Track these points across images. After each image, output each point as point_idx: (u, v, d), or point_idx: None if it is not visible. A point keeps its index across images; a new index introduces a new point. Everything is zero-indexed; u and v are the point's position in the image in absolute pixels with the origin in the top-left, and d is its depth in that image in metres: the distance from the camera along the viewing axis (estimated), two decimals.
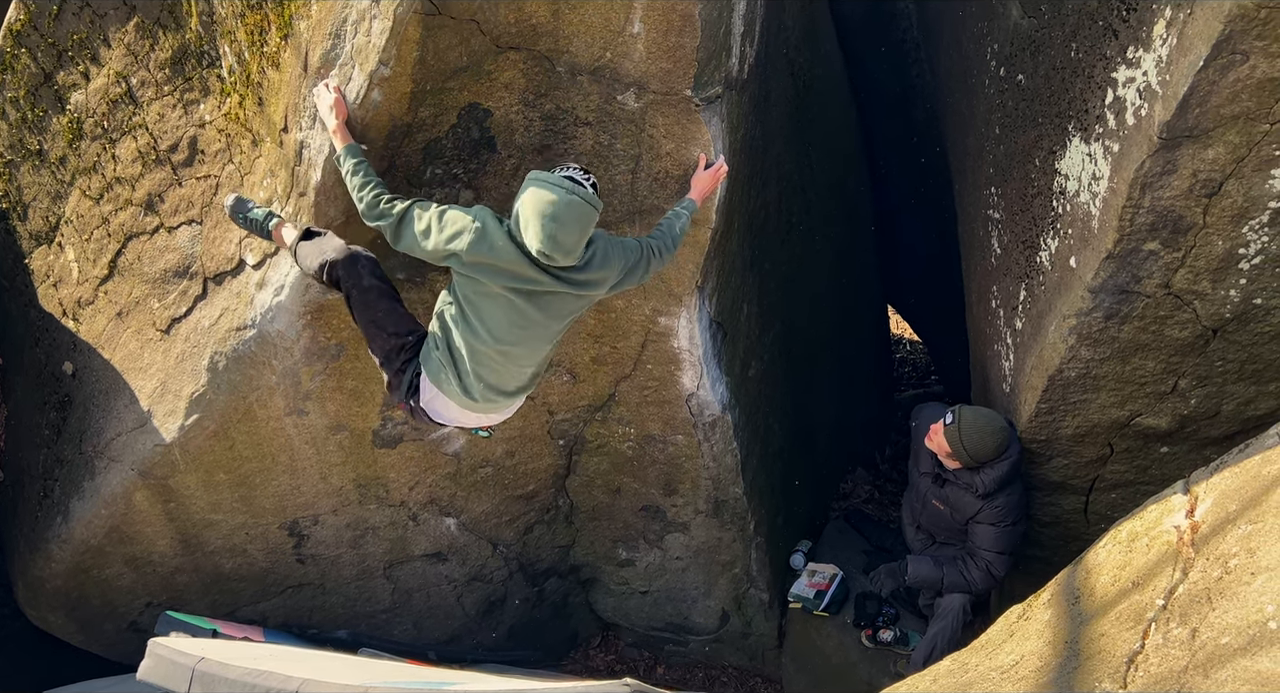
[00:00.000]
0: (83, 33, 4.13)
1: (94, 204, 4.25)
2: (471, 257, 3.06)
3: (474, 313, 3.18)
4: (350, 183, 3.17)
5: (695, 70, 3.36)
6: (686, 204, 3.49)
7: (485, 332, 3.17)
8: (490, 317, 3.16)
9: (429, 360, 3.29)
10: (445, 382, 3.27)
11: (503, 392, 3.32)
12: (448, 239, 3.06)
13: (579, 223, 2.99)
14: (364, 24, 3.17)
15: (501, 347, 3.19)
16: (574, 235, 3.00)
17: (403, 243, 3.16)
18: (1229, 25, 2.64)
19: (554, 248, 2.99)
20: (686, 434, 4.27)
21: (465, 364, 3.23)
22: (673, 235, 3.42)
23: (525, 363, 3.30)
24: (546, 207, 2.96)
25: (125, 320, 4.19)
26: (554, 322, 3.24)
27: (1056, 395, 3.66)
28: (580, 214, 2.99)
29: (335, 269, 3.29)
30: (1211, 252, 3.10)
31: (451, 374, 3.25)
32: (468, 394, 3.27)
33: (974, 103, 4.36)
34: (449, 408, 3.36)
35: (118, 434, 4.16)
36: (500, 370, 3.26)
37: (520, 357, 3.26)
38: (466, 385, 3.26)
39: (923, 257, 6.85)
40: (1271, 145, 2.83)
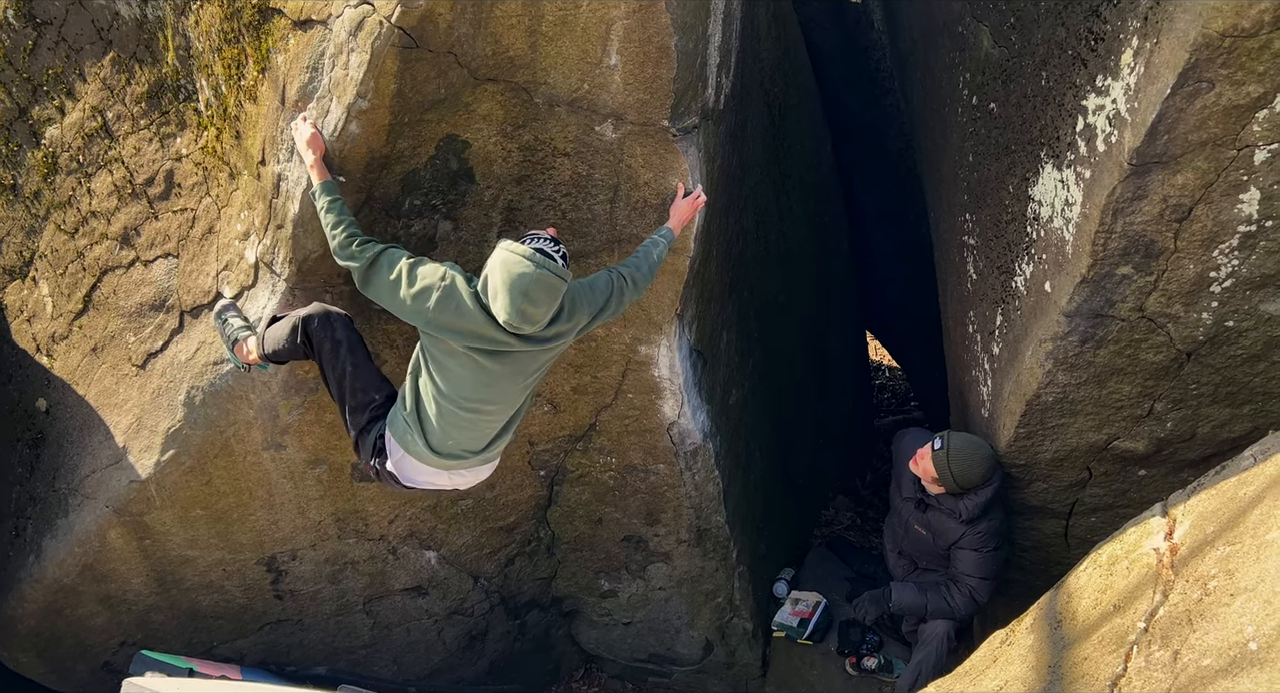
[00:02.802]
0: (58, 67, 4.12)
1: (69, 239, 4.22)
2: (437, 317, 3.07)
3: (439, 372, 3.19)
4: (324, 220, 3.18)
5: (672, 101, 3.38)
6: (664, 233, 3.49)
7: (452, 390, 3.18)
8: (457, 376, 3.17)
9: (395, 421, 3.30)
10: (411, 442, 3.27)
11: (473, 450, 3.33)
12: (415, 296, 3.08)
13: (548, 296, 3.01)
14: (341, 57, 3.19)
15: (470, 404, 3.21)
16: (542, 309, 3.02)
17: (371, 289, 3.17)
18: (1194, 54, 2.69)
19: (521, 321, 3.02)
20: (668, 463, 4.27)
21: (433, 422, 3.23)
22: (649, 264, 3.41)
23: (496, 419, 3.31)
24: (516, 280, 2.97)
25: (100, 355, 4.15)
26: (521, 377, 3.25)
27: (1035, 420, 3.68)
28: (549, 288, 3.00)
29: (310, 324, 3.31)
30: (1183, 276, 3.14)
31: (417, 434, 3.25)
32: (436, 452, 3.27)
33: (947, 131, 4.42)
34: (418, 469, 3.36)
35: (92, 471, 4.11)
36: (470, 428, 3.27)
37: (490, 413, 3.28)
38: (434, 443, 3.26)
39: (900, 283, 6.90)
40: (1239, 171, 2.88)
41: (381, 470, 3.42)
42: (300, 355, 3.43)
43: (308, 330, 3.33)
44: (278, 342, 3.38)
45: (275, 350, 3.41)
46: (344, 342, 3.33)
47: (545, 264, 2.99)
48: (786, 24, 5.51)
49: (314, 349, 3.36)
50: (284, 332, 3.37)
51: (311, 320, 3.32)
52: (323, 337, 3.32)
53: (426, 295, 3.07)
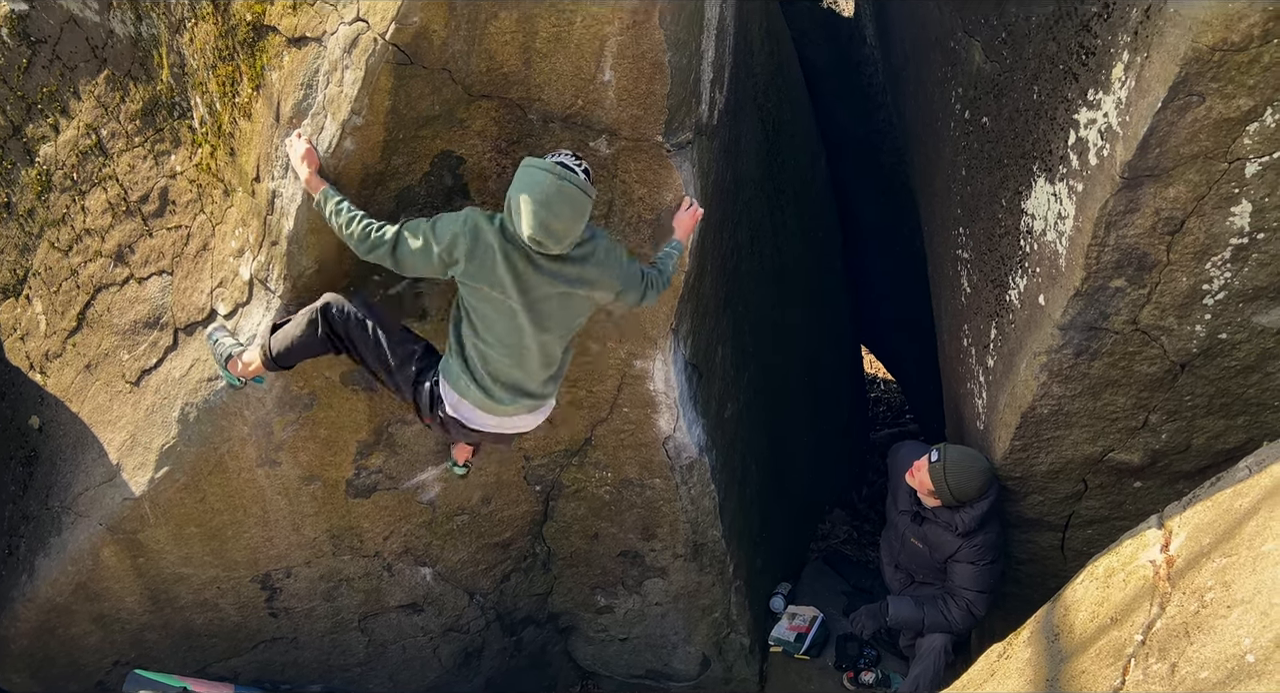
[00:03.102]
0: (53, 86, 4.12)
1: (63, 256, 4.21)
2: (468, 265, 3.08)
3: (480, 319, 3.19)
4: (336, 224, 3.17)
5: (666, 117, 3.40)
6: (674, 245, 3.55)
7: (492, 337, 3.19)
8: (494, 321, 3.18)
9: (448, 369, 3.30)
10: (465, 388, 3.27)
11: (524, 392, 3.31)
12: (447, 250, 3.09)
13: (570, 207, 3.01)
14: (336, 74, 3.19)
15: (510, 349, 3.21)
16: (565, 220, 3.01)
17: (406, 266, 3.17)
18: (1184, 68, 2.71)
19: (545, 234, 3.00)
20: (664, 477, 4.26)
21: (479, 369, 3.24)
22: (666, 273, 3.49)
23: (539, 363, 3.29)
24: (537, 192, 2.98)
25: (94, 373, 4.14)
26: (555, 322, 3.24)
27: (1030, 432, 3.69)
28: (570, 198, 3.00)
29: (330, 312, 3.31)
30: (1176, 288, 3.15)
31: (469, 380, 3.25)
32: (489, 397, 3.27)
33: (940, 145, 4.44)
34: (476, 413, 3.34)
35: (86, 489, 4.10)
36: (515, 371, 3.26)
37: (532, 356, 3.26)
38: (485, 388, 3.25)
39: (894, 296, 6.91)
40: (1230, 183, 2.90)
41: (445, 418, 3.39)
42: (317, 351, 3.41)
43: (329, 319, 3.33)
44: (290, 340, 3.37)
45: (288, 349, 3.39)
46: (366, 313, 3.34)
47: (565, 175, 3.00)
48: (779, 40, 5.53)
49: (341, 336, 3.35)
50: (299, 329, 3.36)
51: (330, 308, 3.33)
52: (345, 318, 3.32)
53: (455, 245, 3.08)
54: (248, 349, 3.53)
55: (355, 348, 3.37)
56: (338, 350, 3.41)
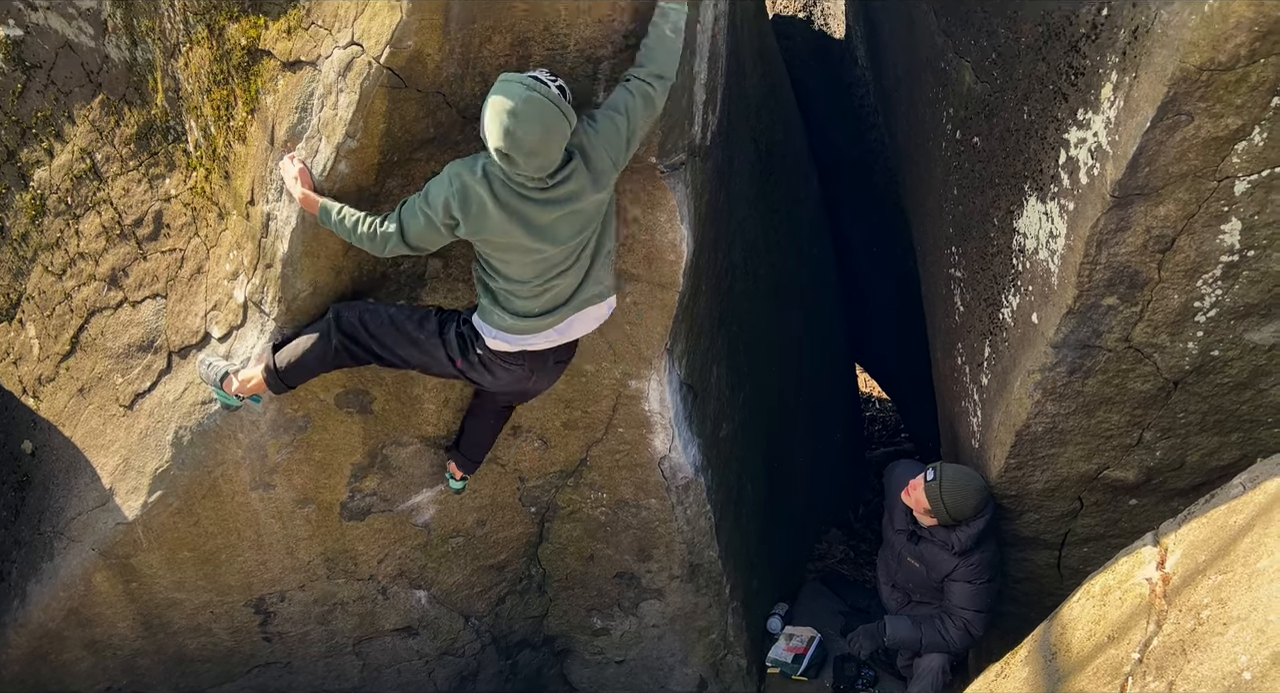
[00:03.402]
0: (47, 110, 4.13)
1: (56, 280, 4.21)
2: (468, 221, 3.03)
3: (500, 264, 3.16)
4: (343, 231, 3.18)
5: (659, 138, 3.41)
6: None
7: (516, 275, 3.16)
8: (513, 262, 3.14)
9: (483, 311, 3.27)
10: (501, 320, 3.23)
11: (567, 302, 3.26)
12: (444, 215, 3.04)
13: (540, 120, 2.85)
14: (330, 98, 3.21)
15: (539, 279, 3.17)
16: (534, 134, 2.84)
17: (421, 246, 3.16)
18: (1172, 88, 2.73)
19: (513, 146, 2.85)
20: (659, 498, 4.25)
21: (515, 302, 3.20)
22: (665, 45, 3.04)
23: (574, 274, 3.23)
24: (504, 101, 2.86)
25: (87, 397, 4.13)
26: (579, 231, 3.15)
27: (1025, 450, 3.69)
28: (540, 109, 2.84)
29: (340, 320, 3.35)
30: (1168, 305, 3.16)
31: (505, 313, 3.22)
32: (532, 317, 3.23)
33: (932, 165, 4.46)
34: (521, 337, 3.29)
35: (78, 514, 4.08)
36: (547, 295, 3.22)
37: (564, 274, 3.20)
38: (525, 315, 3.22)
39: (888, 315, 6.93)
40: (1219, 202, 2.92)
41: (485, 356, 3.33)
42: (330, 365, 3.43)
43: (343, 326, 3.36)
44: (299, 355, 3.39)
45: (297, 366, 3.40)
46: (373, 307, 3.37)
47: (535, 86, 2.86)
48: (771, 62, 5.57)
49: (358, 341, 3.36)
50: (310, 343, 3.38)
51: (339, 316, 3.36)
52: (354, 320, 3.35)
53: (449, 208, 3.03)
54: (245, 368, 3.53)
55: (377, 342, 3.36)
56: (355, 359, 3.42)
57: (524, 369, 3.41)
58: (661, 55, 3.06)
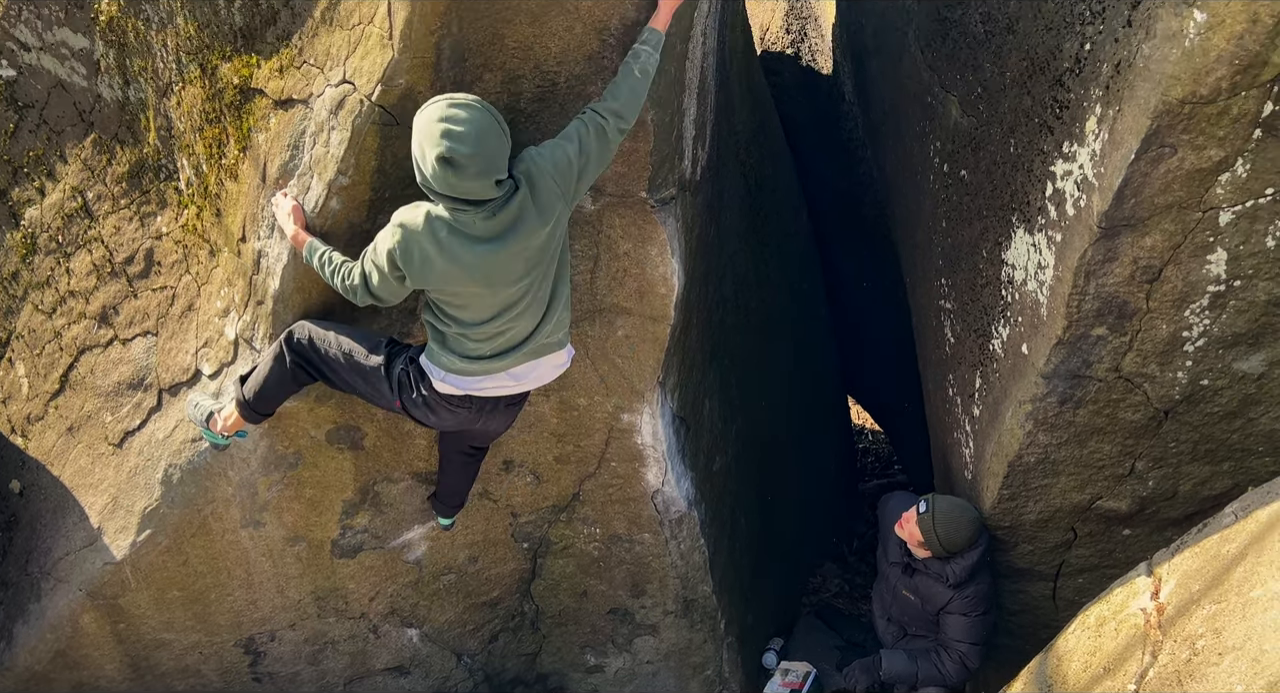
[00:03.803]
0: (39, 149, 4.15)
1: (46, 318, 4.20)
2: (414, 275, 2.96)
3: (454, 309, 3.07)
4: (322, 276, 3.18)
5: (649, 173, 3.44)
6: (646, 37, 3.05)
7: (471, 318, 3.07)
8: (464, 308, 3.06)
9: (431, 353, 3.19)
10: (451, 363, 3.13)
11: (520, 347, 3.17)
12: (391, 268, 2.98)
13: (469, 111, 2.78)
14: (322, 135, 3.23)
15: (491, 323, 3.07)
16: (472, 126, 2.77)
17: (383, 297, 3.10)
18: (1155, 120, 2.77)
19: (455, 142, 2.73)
20: (653, 532, 4.23)
21: (466, 344, 3.11)
22: (630, 84, 3.01)
23: (529, 317, 3.13)
24: (433, 111, 2.79)
25: (76, 435, 4.11)
26: (530, 270, 3.03)
27: (1018, 481, 3.69)
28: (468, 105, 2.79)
29: (290, 340, 3.30)
30: (1157, 335, 3.18)
31: (455, 356, 3.13)
32: (483, 359, 3.13)
33: (920, 198, 4.50)
34: (472, 382, 3.20)
35: (66, 554, 4.04)
36: (506, 335, 3.12)
37: (520, 317, 3.10)
38: (479, 352, 3.13)
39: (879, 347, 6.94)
40: (1205, 232, 2.95)
41: (429, 397, 3.23)
42: (291, 387, 3.39)
43: (293, 346, 3.31)
44: (261, 381, 3.36)
45: (261, 392, 3.37)
46: (324, 327, 3.32)
47: (457, 98, 2.80)
48: (760, 97, 5.63)
49: (307, 359, 3.31)
50: (266, 367, 3.34)
51: (291, 336, 3.31)
52: (304, 340, 3.30)
53: (393, 262, 2.95)
54: (224, 405, 3.51)
55: (326, 365, 3.31)
56: (311, 376, 3.38)
57: (470, 412, 3.32)
58: (624, 94, 3.01)
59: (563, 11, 3.08)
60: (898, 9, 4.65)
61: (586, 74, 3.18)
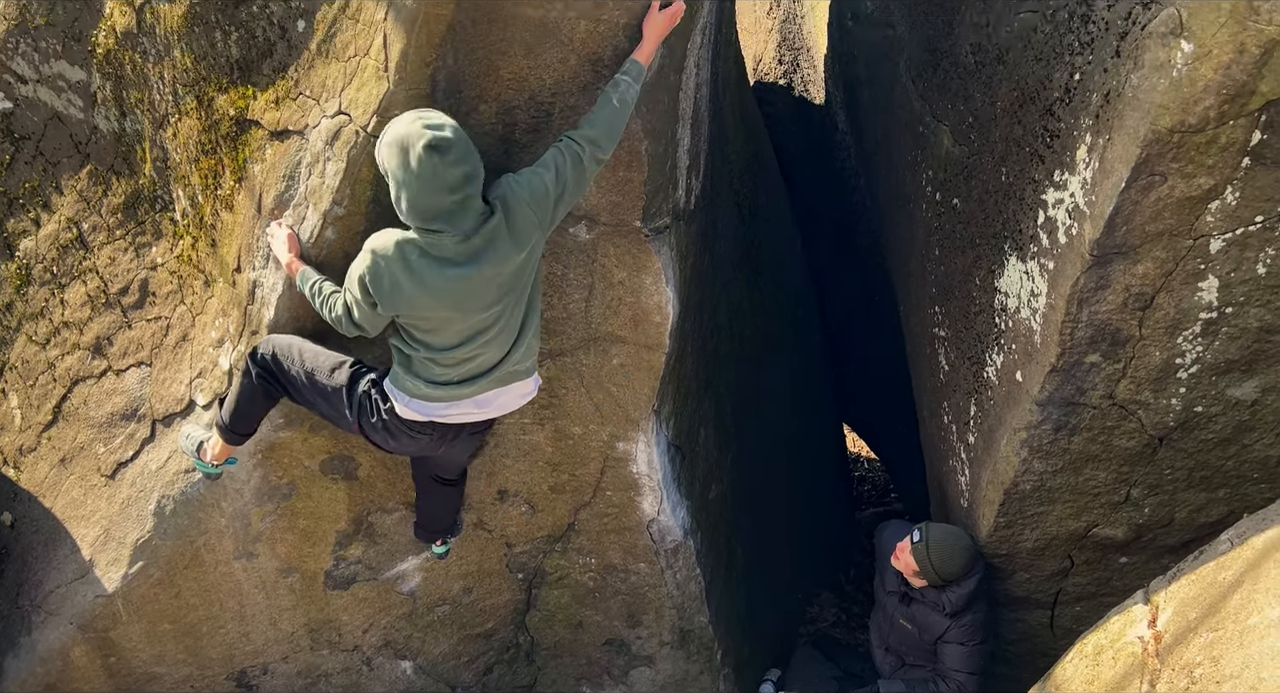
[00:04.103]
0: (35, 181, 4.16)
1: (40, 349, 4.20)
2: (385, 302, 2.96)
3: (423, 333, 3.05)
4: (314, 305, 3.19)
5: (643, 203, 3.46)
6: (628, 68, 3.06)
7: (440, 344, 3.04)
8: (434, 333, 3.03)
9: (396, 377, 3.15)
10: (416, 388, 3.11)
11: (487, 374, 3.14)
12: (365, 297, 2.97)
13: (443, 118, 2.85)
14: (318, 166, 3.25)
15: (460, 349, 3.05)
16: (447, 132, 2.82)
17: (365, 326, 3.09)
18: (1145, 149, 2.79)
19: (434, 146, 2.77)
20: (649, 562, 4.21)
21: (433, 369, 3.08)
22: (608, 113, 3.01)
23: (499, 347, 3.10)
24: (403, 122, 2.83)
25: (69, 467, 4.09)
26: (500, 302, 3.02)
27: (1014, 509, 3.68)
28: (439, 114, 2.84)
29: (254, 355, 3.29)
30: (1150, 362, 3.19)
31: (420, 381, 3.10)
32: (450, 385, 3.10)
33: (913, 226, 4.52)
34: (437, 408, 3.16)
35: (57, 586, 4.01)
36: (474, 362, 3.10)
37: (490, 343, 3.07)
38: (446, 378, 3.10)
39: (874, 375, 6.95)
40: (1196, 260, 2.96)
41: (389, 422, 3.19)
42: (262, 403, 3.36)
43: (256, 360, 3.28)
44: (234, 401, 3.34)
45: (235, 411, 3.35)
46: (290, 342, 3.29)
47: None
48: (753, 127, 5.67)
49: (272, 374, 3.28)
50: (236, 387, 3.33)
51: (255, 351, 3.30)
52: (267, 355, 3.28)
53: (365, 288, 2.95)
54: (213, 434, 3.50)
55: (290, 384, 3.28)
56: (280, 394, 3.35)
57: (430, 439, 3.28)
58: (602, 123, 3.02)
59: (557, 43, 3.11)
60: (889, 40, 4.70)
61: (580, 105, 3.20)
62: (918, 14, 4.24)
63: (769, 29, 7.35)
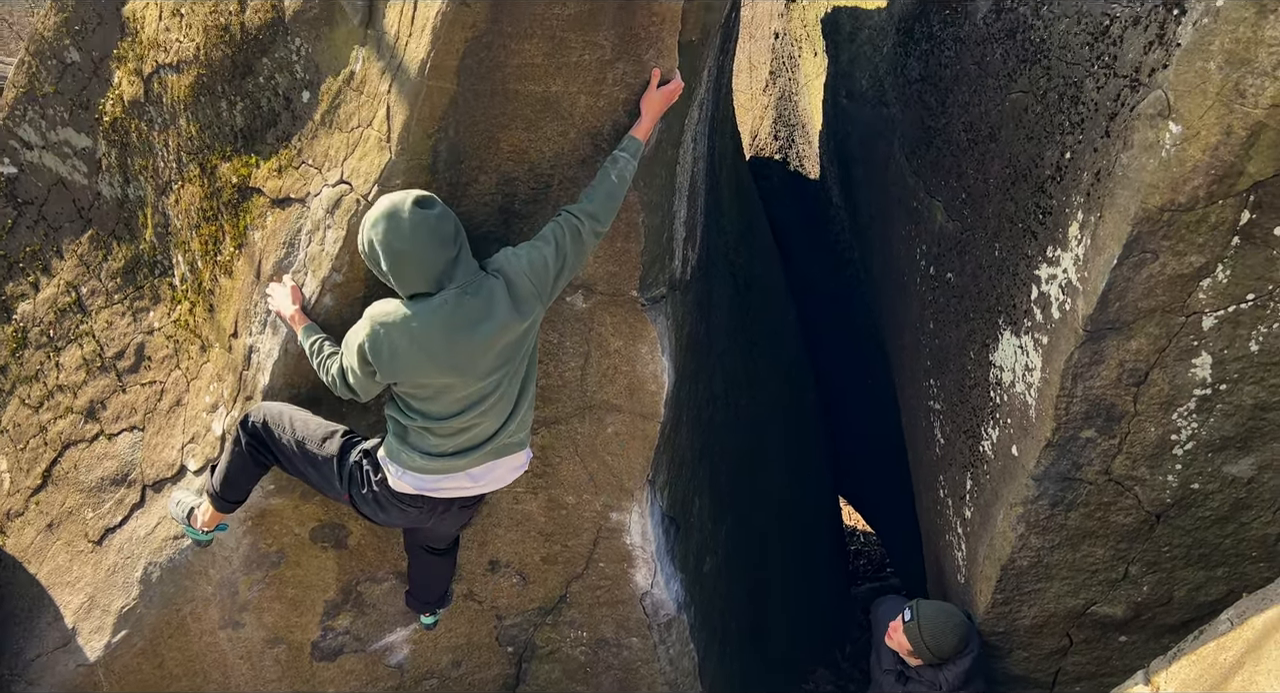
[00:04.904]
0: (36, 245, 4.19)
1: (33, 412, 4.18)
2: (384, 369, 2.97)
3: (420, 402, 3.05)
4: (312, 363, 3.19)
5: (640, 273, 3.48)
6: (626, 144, 3.12)
7: (437, 412, 3.04)
8: (437, 399, 3.03)
9: (390, 448, 3.15)
10: (411, 460, 3.10)
11: (482, 446, 3.14)
12: (360, 363, 2.99)
13: (431, 219, 2.89)
14: (318, 234, 3.27)
15: (462, 418, 3.05)
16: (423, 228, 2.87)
17: (360, 392, 3.10)
18: (1136, 227, 2.83)
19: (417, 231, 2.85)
20: (641, 636, 4.14)
21: (429, 439, 3.08)
22: (606, 190, 3.07)
23: (495, 417, 3.11)
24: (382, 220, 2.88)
25: (56, 532, 4.04)
26: (499, 369, 3.04)
27: (1011, 585, 3.64)
28: (426, 202, 2.90)
29: (245, 423, 3.26)
30: (1146, 438, 3.19)
31: (415, 452, 3.09)
32: (445, 456, 3.10)
33: (908, 299, 4.55)
34: (431, 480, 3.16)
35: (38, 655, 3.92)
36: (470, 432, 3.10)
37: (487, 413, 3.08)
38: (441, 449, 3.09)
39: (870, 447, 6.93)
40: (1189, 336, 2.98)
41: (380, 494, 3.18)
42: (253, 471, 3.33)
43: (248, 429, 3.26)
44: (224, 469, 3.32)
45: (225, 479, 3.32)
46: (281, 409, 3.28)
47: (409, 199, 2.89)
48: (748, 199, 5.74)
49: (262, 442, 3.26)
50: (227, 455, 3.31)
51: (246, 419, 3.28)
52: (258, 423, 3.26)
53: (364, 356, 2.97)
54: (203, 500, 3.47)
55: (281, 453, 3.27)
56: (267, 460, 3.33)
57: (421, 512, 3.29)
58: (600, 197, 3.07)
59: (557, 117, 3.16)
60: (883, 118, 4.79)
61: (580, 177, 3.25)
62: (911, 93, 4.33)
63: (765, 105, 7.49)
